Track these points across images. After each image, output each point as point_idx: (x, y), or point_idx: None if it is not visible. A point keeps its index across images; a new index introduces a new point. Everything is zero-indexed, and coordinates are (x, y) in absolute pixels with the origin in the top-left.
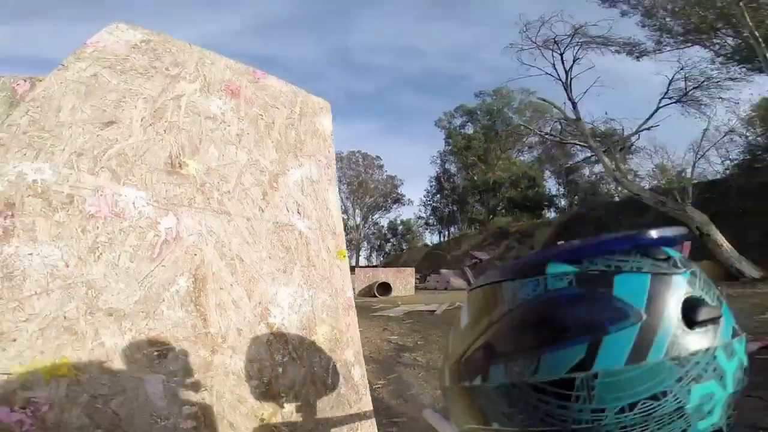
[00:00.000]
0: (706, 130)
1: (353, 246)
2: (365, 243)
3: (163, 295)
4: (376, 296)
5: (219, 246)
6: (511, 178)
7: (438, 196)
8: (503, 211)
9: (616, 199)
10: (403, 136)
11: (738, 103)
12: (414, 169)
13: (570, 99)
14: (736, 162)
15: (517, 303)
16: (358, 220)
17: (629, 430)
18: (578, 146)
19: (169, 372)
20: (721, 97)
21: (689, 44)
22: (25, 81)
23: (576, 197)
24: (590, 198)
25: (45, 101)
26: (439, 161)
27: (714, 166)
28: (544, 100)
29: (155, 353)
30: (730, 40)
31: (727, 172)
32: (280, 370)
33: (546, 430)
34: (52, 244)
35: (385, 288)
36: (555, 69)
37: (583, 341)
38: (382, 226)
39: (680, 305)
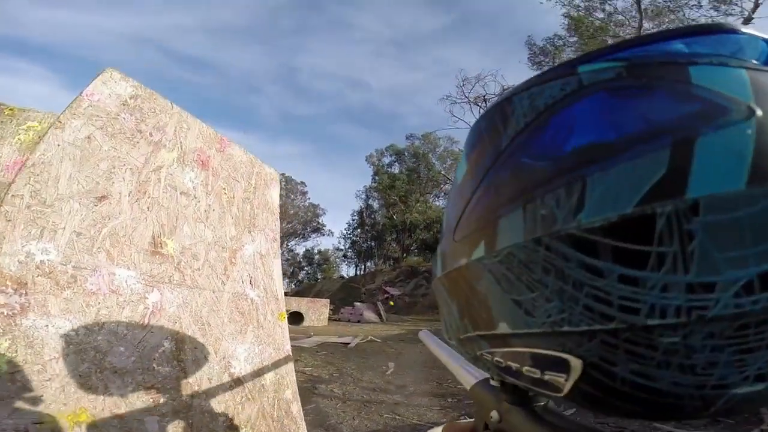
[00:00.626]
0: None
1: None
2: None
3: (153, 355)
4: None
5: (193, 314)
6: (426, 221)
7: (359, 230)
8: (416, 250)
9: None
10: (332, 166)
11: None
12: (338, 200)
13: None
14: None
15: (538, 111)
16: None
17: (756, 333)
18: None
19: (161, 413)
20: None
21: None
22: None
23: None
24: None
25: (44, 168)
26: (364, 196)
27: None
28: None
29: (150, 400)
30: None
31: None
32: (240, 408)
33: (595, 329)
34: (63, 317)
35: (296, 317)
36: None
37: (662, 145)
38: (297, 254)
39: None
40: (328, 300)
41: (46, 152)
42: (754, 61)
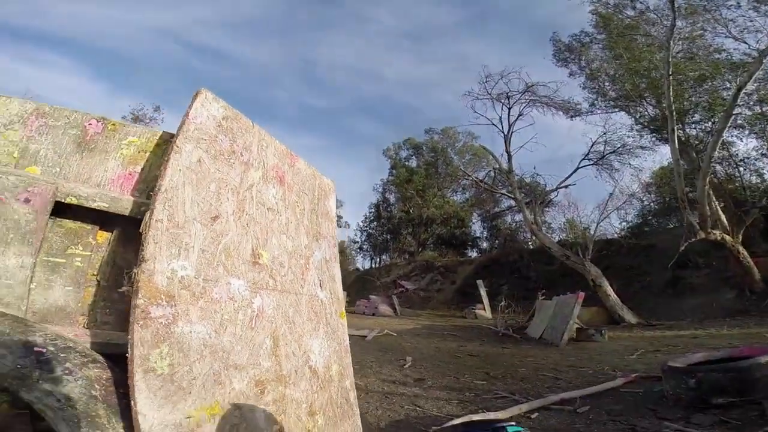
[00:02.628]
0: (611, 193)
1: None
2: None
3: (260, 351)
4: None
5: (283, 315)
6: (443, 216)
7: (375, 223)
8: (432, 245)
9: (531, 247)
10: (350, 159)
11: (642, 170)
12: (355, 193)
13: (507, 151)
14: (630, 224)
15: None
16: None
17: None
18: (505, 196)
19: (265, 403)
20: (630, 164)
21: (617, 110)
22: (97, 122)
23: (497, 241)
24: (509, 244)
25: (174, 192)
26: (381, 189)
27: (613, 227)
28: (484, 148)
29: (259, 391)
30: (650, 109)
31: (623, 232)
32: (316, 396)
33: None
34: (200, 323)
35: None
36: (501, 121)
37: None
38: None
39: None
40: (345, 292)
41: (173, 177)
42: None
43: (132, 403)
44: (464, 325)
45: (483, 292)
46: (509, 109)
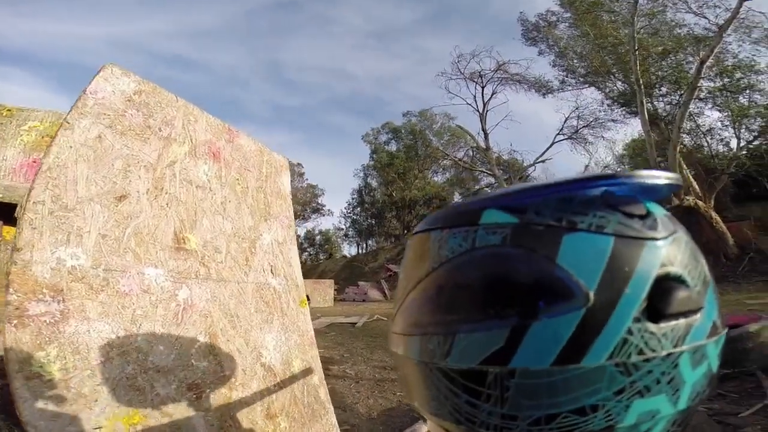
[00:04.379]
0: (587, 165)
1: None
2: None
3: (191, 351)
4: None
5: (222, 307)
6: (426, 197)
7: (358, 208)
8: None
9: None
10: (327, 150)
11: (615, 142)
12: (335, 181)
13: (483, 130)
14: None
15: (441, 261)
16: None
17: None
18: (485, 173)
19: (204, 409)
20: (603, 137)
21: (587, 85)
22: None
23: None
24: None
25: (61, 171)
26: (362, 174)
27: None
28: (461, 128)
29: (194, 396)
30: (619, 84)
31: None
32: (274, 397)
33: (455, 426)
34: (101, 321)
35: None
36: (475, 100)
37: (506, 324)
38: (299, 235)
39: (649, 286)
40: (333, 280)
41: (60, 155)
42: (636, 223)
43: (18, 414)
44: None
45: None
46: (482, 88)
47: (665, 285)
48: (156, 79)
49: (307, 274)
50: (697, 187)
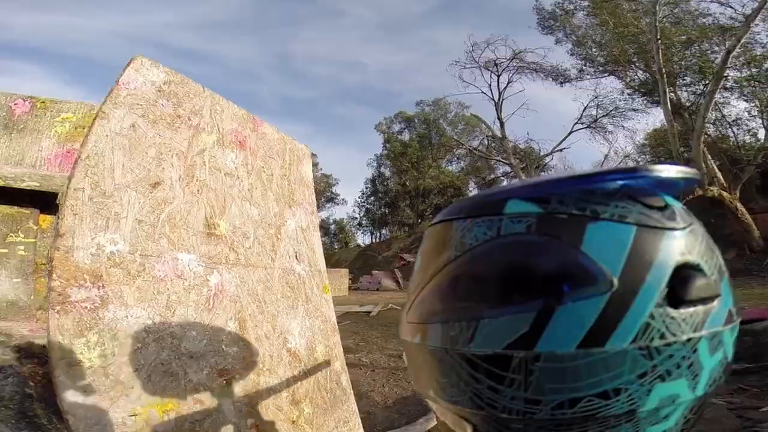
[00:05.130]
0: (607, 155)
1: None
2: None
3: (221, 336)
4: None
5: (250, 293)
6: (440, 186)
7: (372, 198)
8: (430, 216)
9: None
10: (339, 141)
11: (636, 132)
12: (349, 171)
13: (499, 118)
14: None
15: (464, 248)
16: None
17: (564, 429)
18: (501, 162)
19: (234, 394)
20: (623, 126)
21: (606, 74)
22: (24, 101)
23: None
24: None
25: (99, 159)
26: (375, 164)
27: None
28: (476, 117)
29: (224, 381)
30: (640, 74)
31: None
32: (300, 382)
33: (475, 412)
34: (138, 306)
35: None
36: (490, 89)
37: (532, 309)
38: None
39: (669, 274)
40: (347, 269)
41: (97, 144)
42: (656, 213)
43: (58, 401)
44: None
45: None
46: (498, 76)
47: (684, 273)
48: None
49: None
50: (721, 177)
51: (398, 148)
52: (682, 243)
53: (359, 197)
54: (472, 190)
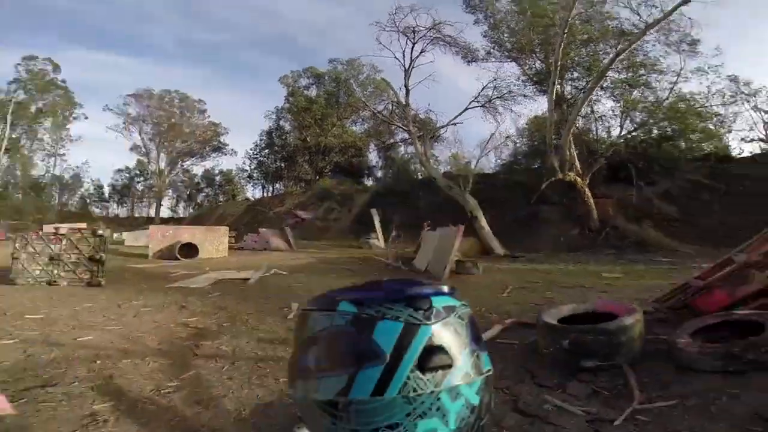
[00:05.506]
0: (492, 134)
1: (154, 195)
2: (170, 191)
3: None
4: (178, 259)
5: None
6: (342, 145)
7: (267, 150)
8: (329, 174)
9: (420, 177)
10: (237, 90)
11: (520, 116)
12: (243, 123)
13: (406, 86)
14: (504, 162)
15: (315, 331)
16: (163, 165)
17: None
18: (400, 128)
19: None
20: (512, 109)
21: (510, 60)
22: None
23: (390, 171)
24: (401, 174)
25: None
26: (274, 117)
27: (490, 163)
28: (385, 81)
29: None
30: (538, 64)
31: (497, 168)
32: None
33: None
34: None
35: (190, 249)
36: (403, 55)
37: (345, 373)
38: (195, 174)
39: (419, 351)
40: (228, 227)
41: None
42: (419, 314)
43: None
44: (360, 257)
45: (377, 221)
46: (413, 44)
47: (429, 350)
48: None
49: (203, 217)
50: (578, 165)
51: (302, 103)
52: (431, 331)
53: (252, 149)
54: (372, 151)
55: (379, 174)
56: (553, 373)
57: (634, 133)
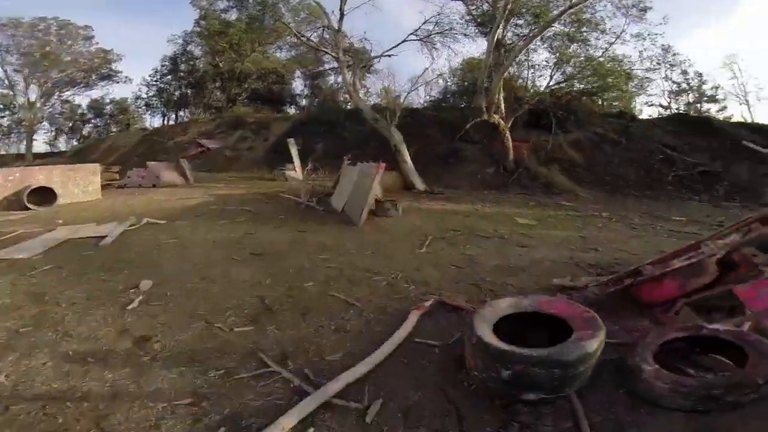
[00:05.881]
0: (426, 69)
1: (24, 129)
2: (47, 124)
3: None
4: (28, 209)
5: None
6: (261, 71)
7: (170, 77)
8: (246, 101)
9: (348, 108)
10: (135, 14)
11: (456, 55)
12: (141, 48)
13: (341, 10)
14: (432, 99)
15: None
16: (34, 96)
17: None
18: (330, 56)
19: None
20: (450, 47)
21: None
22: None
23: (316, 100)
24: (328, 103)
25: None
26: (181, 41)
27: (420, 99)
28: (318, 5)
29: None
30: (486, 5)
31: (425, 104)
32: None
33: None
34: None
35: (46, 195)
36: None
37: None
38: (79, 105)
39: None
40: (98, 165)
41: None
42: None
43: None
44: (268, 193)
45: (294, 151)
46: None
47: None
48: None
49: (88, 150)
50: (503, 109)
51: (216, 27)
52: None
53: (151, 75)
54: (297, 78)
55: (304, 103)
56: (482, 406)
57: (561, 85)
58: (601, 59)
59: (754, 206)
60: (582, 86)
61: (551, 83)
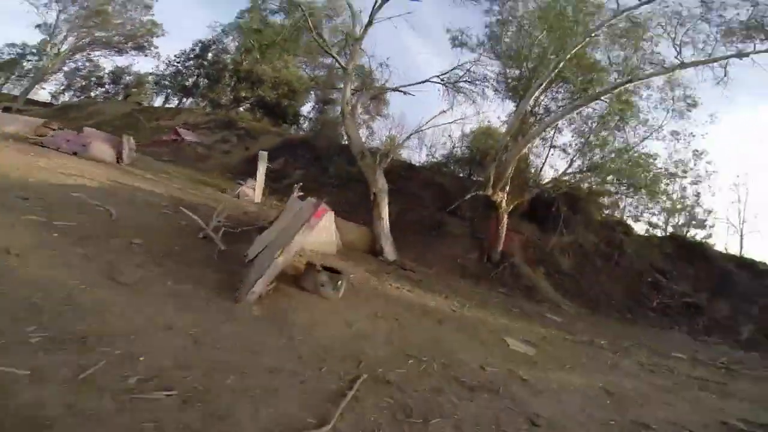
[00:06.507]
0: (435, 116)
1: (35, 74)
2: (62, 77)
3: None
4: None
5: None
6: (275, 79)
7: (192, 62)
8: (249, 105)
9: (343, 142)
10: None
11: (478, 113)
12: (183, 24)
13: (371, 18)
14: (435, 160)
15: None
16: (65, 47)
17: None
18: (339, 65)
19: None
20: (474, 100)
21: (496, 58)
22: None
23: (318, 124)
24: (325, 131)
25: None
26: (219, 30)
27: (420, 156)
28: (349, 5)
29: None
30: (520, 71)
31: (424, 164)
32: None
33: None
34: None
35: None
36: None
37: None
38: (103, 68)
39: None
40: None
41: None
42: None
43: None
44: (185, 207)
45: (262, 167)
46: None
47: None
48: None
49: (70, 110)
50: (507, 190)
51: (255, 22)
52: None
53: (177, 55)
54: (309, 102)
55: (306, 125)
56: None
57: (580, 175)
58: (634, 153)
59: (732, 343)
60: (603, 177)
61: (569, 170)
